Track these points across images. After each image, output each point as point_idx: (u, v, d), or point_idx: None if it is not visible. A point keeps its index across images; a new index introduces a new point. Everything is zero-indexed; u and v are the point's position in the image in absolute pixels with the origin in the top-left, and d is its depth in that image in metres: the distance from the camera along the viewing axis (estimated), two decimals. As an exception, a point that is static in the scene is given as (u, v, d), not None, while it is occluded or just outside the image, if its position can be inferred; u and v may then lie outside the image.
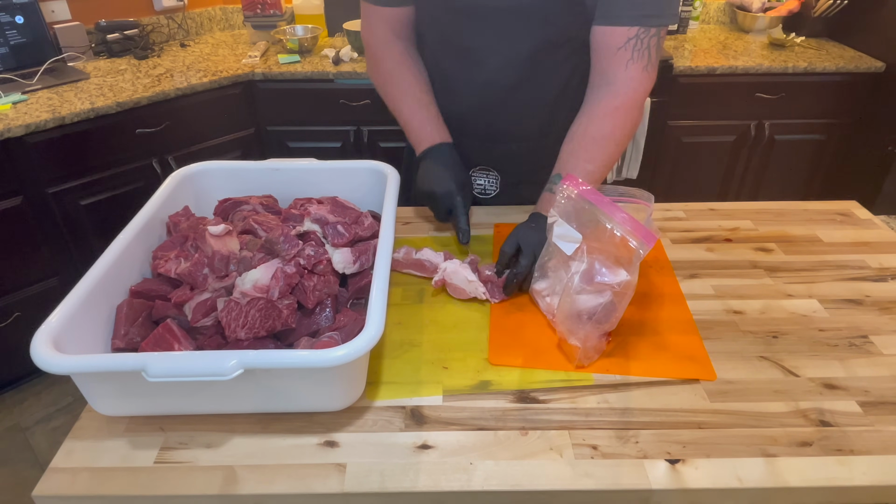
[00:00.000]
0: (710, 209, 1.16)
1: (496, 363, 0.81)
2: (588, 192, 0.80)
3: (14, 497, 1.76)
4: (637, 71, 0.93)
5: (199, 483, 0.66)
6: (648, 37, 0.91)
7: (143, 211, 0.88)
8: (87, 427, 0.73)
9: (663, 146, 2.39)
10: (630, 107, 0.95)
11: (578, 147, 0.96)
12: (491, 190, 1.17)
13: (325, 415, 0.74)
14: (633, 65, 0.92)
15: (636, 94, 0.95)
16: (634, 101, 0.96)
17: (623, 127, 0.95)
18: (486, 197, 1.19)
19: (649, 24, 0.90)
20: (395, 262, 0.96)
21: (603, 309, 0.76)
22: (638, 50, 0.91)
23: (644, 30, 0.90)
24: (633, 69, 0.93)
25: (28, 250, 1.87)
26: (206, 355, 0.64)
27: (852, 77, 2.28)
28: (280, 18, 2.43)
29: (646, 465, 0.67)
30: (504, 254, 0.92)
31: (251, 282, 0.79)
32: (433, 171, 1.01)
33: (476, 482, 0.66)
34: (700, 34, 2.60)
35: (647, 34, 0.91)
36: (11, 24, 2.02)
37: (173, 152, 2.06)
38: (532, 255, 0.89)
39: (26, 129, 1.72)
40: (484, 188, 1.18)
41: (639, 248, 0.73)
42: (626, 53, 0.92)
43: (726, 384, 0.77)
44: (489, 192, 1.18)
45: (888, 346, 0.83)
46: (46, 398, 2.07)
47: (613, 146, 0.95)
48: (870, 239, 1.07)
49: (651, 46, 0.92)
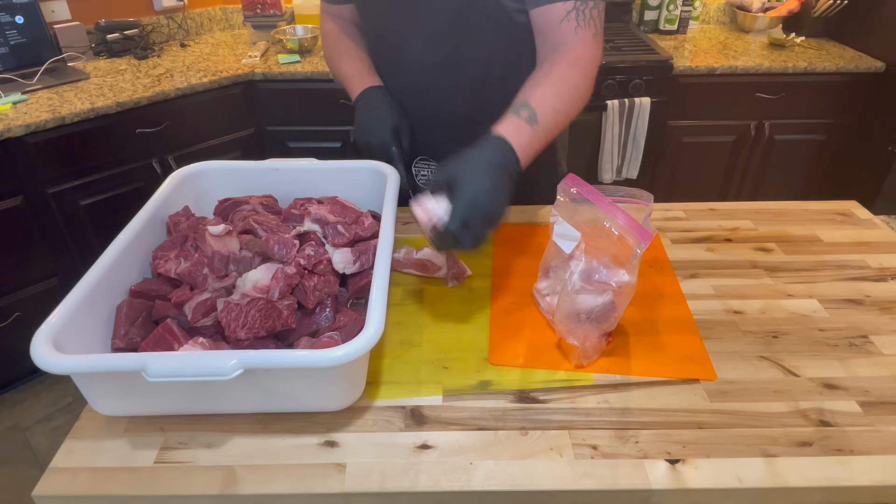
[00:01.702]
0: (710, 209, 1.16)
1: (496, 363, 0.81)
2: (588, 192, 0.80)
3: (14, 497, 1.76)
4: (588, 36, 0.90)
5: (199, 483, 0.66)
6: (587, 8, 0.90)
7: (143, 211, 0.88)
8: (87, 427, 0.73)
9: (663, 146, 2.39)
10: (589, 65, 0.90)
11: (544, 82, 0.87)
12: None
13: (325, 415, 0.74)
14: (582, 31, 0.90)
15: (589, 54, 0.90)
16: (592, 61, 0.91)
17: (585, 78, 0.90)
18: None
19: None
20: (395, 262, 0.96)
21: (602, 309, 0.76)
22: (581, 20, 0.90)
23: (581, 2, 0.89)
24: (583, 34, 0.90)
25: (28, 250, 1.87)
26: (206, 355, 0.64)
27: (852, 77, 2.28)
28: (280, 18, 2.43)
29: (646, 465, 0.67)
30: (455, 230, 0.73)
31: (251, 282, 0.79)
32: (365, 119, 1.04)
33: (476, 482, 0.66)
34: (700, 34, 2.60)
35: (585, 6, 0.89)
36: (11, 24, 2.02)
37: (173, 152, 2.06)
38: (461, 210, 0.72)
39: (26, 129, 1.72)
40: (427, 178, 1.20)
41: (636, 246, 0.73)
42: (570, 23, 0.90)
43: (726, 384, 0.77)
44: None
45: (888, 346, 0.83)
46: (46, 398, 2.07)
47: (576, 94, 0.88)
48: (870, 239, 1.07)
49: (594, 17, 0.90)
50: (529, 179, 1.00)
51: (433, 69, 1.04)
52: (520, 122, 0.82)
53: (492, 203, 0.74)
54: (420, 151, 1.17)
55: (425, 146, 1.16)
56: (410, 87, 1.09)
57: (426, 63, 1.04)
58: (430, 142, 1.15)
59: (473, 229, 0.74)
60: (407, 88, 1.09)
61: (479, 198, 0.74)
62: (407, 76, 1.08)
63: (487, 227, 0.75)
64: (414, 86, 1.08)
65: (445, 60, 1.02)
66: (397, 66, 1.08)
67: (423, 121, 1.12)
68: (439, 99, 1.08)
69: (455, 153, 1.05)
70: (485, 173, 0.75)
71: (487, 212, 0.74)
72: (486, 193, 0.74)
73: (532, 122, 0.82)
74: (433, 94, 1.08)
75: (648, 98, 2.22)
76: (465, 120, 1.09)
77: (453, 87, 1.06)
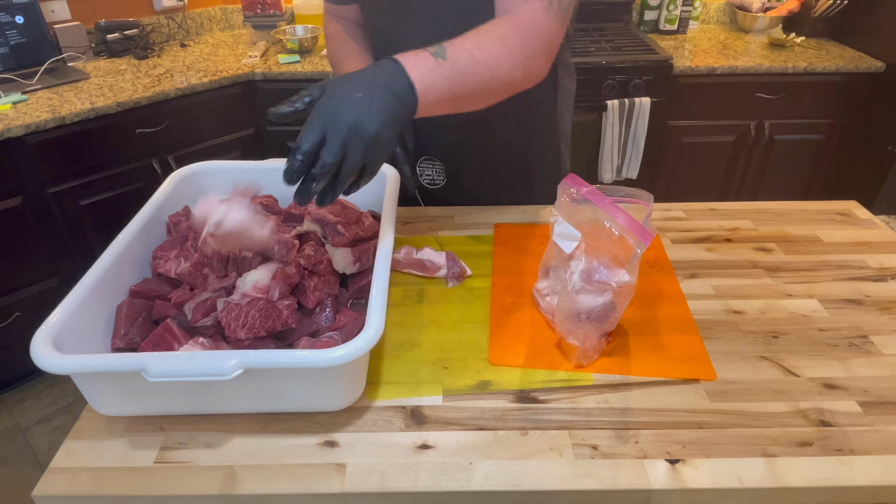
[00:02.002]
0: (710, 209, 1.16)
1: (496, 363, 0.81)
2: (589, 192, 0.80)
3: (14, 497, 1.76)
4: (539, 7, 0.82)
5: (199, 483, 0.66)
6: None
7: (143, 211, 0.88)
8: (87, 427, 0.73)
9: (663, 146, 2.39)
10: (531, 28, 0.81)
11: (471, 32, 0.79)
12: (439, 180, 1.19)
13: (325, 415, 0.74)
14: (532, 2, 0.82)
15: (535, 25, 0.82)
16: (536, 28, 0.82)
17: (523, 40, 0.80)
18: (435, 187, 1.21)
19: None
20: (395, 261, 0.96)
21: (602, 309, 0.76)
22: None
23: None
24: (533, 4, 0.82)
25: (28, 250, 1.87)
26: (206, 355, 0.64)
27: (852, 77, 2.28)
28: (280, 18, 2.43)
29: (646, 465, 0.67)
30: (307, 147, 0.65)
31: (251, 282, 0.79)
32: None
33: (476, 482, 0.66)
34: (700, 34, 2.60)
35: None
36: (11, 24, 2.02)
37: (173, 152, 2.06)
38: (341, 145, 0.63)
39: (26, 129, 1.72)
40: (432, 178, 1.20)
41: (636, 246, 0.73)
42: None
43: (726, 384, 0.77)
44: (437, 182, 1.20)
45: (888, 346, 0.83)
46: (46, 398, 2.07)
47: (506, 52, 0.78)
48: (870, 239, 1.07)
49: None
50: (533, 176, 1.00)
51: None
52: (421, 53, 0.72)
53: (363, 119, 0.64)
54: (424, 151, 1.17)
55: (430, 146, 1.16)
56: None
57: None
58: (435, 142, 1.15)
59: (333, 145, 0.63)
60: None
61: (345, 107, 0.63)
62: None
63: (357, 147, 0.64)
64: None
65: None
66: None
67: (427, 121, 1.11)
68: None
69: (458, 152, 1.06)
70: (357, 86, 0.65)
71: (355, 127, 0.63)
72: (356, 103, 0.64)
73: (438, 56, 0.72)
74: None
75: (648, 98, 2.22)
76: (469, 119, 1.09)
77: None
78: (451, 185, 1.19)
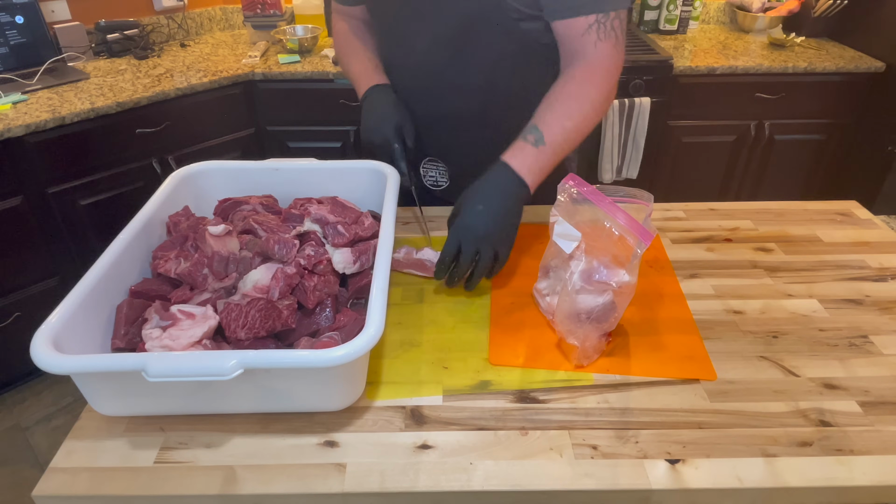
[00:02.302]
0: (710, 209, 1.17)
1: (496, 363, 0.81)
2: (589, 192, 0.80)
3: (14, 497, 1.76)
4: (608, 47, 0.93)
5: (199, 483, 0.66)
6: (609, 20, 0.91)
7: (143, 211, 0.88)
8: (87, 427, 0.73)
9: (663, 146, 2.39)
10: (605, 76, 0.94)
11: (556, 101, 0.93)
12: (442, 182, 1.20)
13: (325, 415, 0.74)
14: (602, 43, 0.92)
15: (610, 65, 0.94)
16: (609, 72, 0.94)
17: (600, 92, 0.93)
18: (438, 189, 1.21)
19: (606, 10, 0.91)
20: (395, 262, 0.96)
21: (602, 309, 0.76)
22: (602, 32, 0.92)
23: (604, 15, 0.91)
24: (603, 46, 0.92)
25: (28, 250, 1.87)
26: (206, 355, 0.64)
27: (852, 77, 2.28)
28: (280, 18, 2.43)
29: (646, 465, 0.67)
30: (444, 263, 0.86)
31: (251, 282, 0.79)
32: (369, 118, 1.04)
33: (476, 482, 0.66)
34: (700, 34, 2.60)
35: (606, 18, 0.91)
36: (11, 24, 2.02)
37: (173, 152, 2.06)
38: (475, 253, 0.83)
39: (26, 129, 1.72)
40: (435, 180, 1.20)
41: (636, 246, 0.73)
42: (591, 36, 0.92)
43: (726, 384, 0.77)
44: (440, 183, 1.20)
45: (888, 346, 0.83)
46: (46, 398, 2.07)
47: (589, 106, 0.93)
48: (870, 239, 1.07)
49: (615, 28, 0.92)
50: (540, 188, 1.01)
51: (441, 72, 1.04)
52: (525, 146, 0.89)
53: (487, 226, 0.83)
54: (428, 152, 1.17)
55: (434, 147, 1.16)
56: (419, 88, 1.09)
57: (434, 65, 1.04)
58: (439, 143, 1.15)
59: (467, 252, 0.83)
60: (415, 90, 1.09)
61: (471, 221, 0.82)
62: (415, 78, 1.08)
63: (487, 249, 0.83)
64: (422, 87, 1.08)
65: (452, 64, 1.03)
66: (406, 67, 1.08)
67: (432, 122, 1.12)
68: (447, 101, 1.08)
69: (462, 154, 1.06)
70: (479, 199, 0.84)
71: (482, 235, 0.83)
72: (479, 215, 0.83)
73: (538, 143, 0.88)
74: (441, 96, 1.08)
75: (648, 98, 2.22)
76: (474, 122, 1.09)
77: (460, 90, 1.06)
78: (455, 187, 1.18)
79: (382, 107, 1.05)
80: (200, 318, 0.74)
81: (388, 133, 1.01)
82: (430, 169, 1.19)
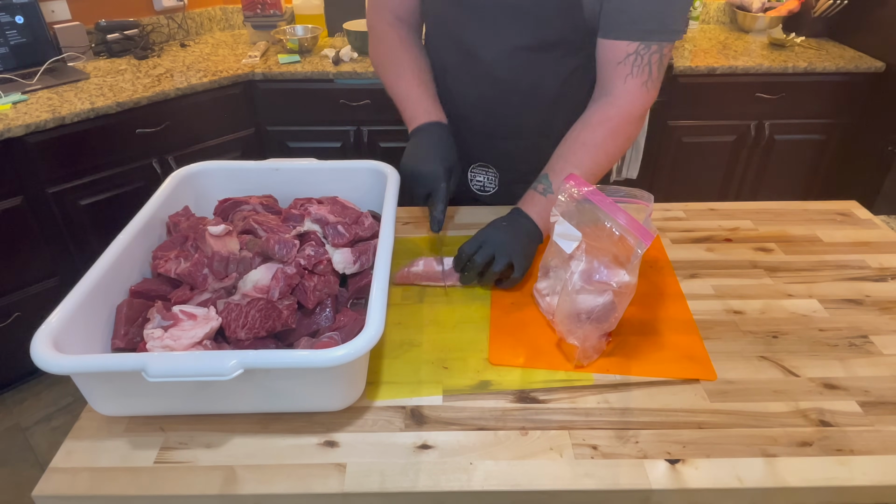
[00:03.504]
0: (710, 209, 1.16)
1: (496, 363, 0.81)
2: (589, 192, 0.80)
3: (14, 497, 1.76)
4: (635, 86, 0.92)
5: (199, 483, 0.66)
6: (649, 53, 0.90)
7: (143, 211, 0.88)
8: (87, 427, 0.73)
9: (663, 146, 2.39)
10: (625, 119, 0.94)
11: (568, 151, 0.96)
12: (490, 187, 1.18)
13: (325, 415, 0.74)
14: (632, 80, 0.92)
15: (632, 107, 0.94)
16: (630, 115, 0.95)
17: (615, 137, 0.95)
18: (485, 194, 1.19)
19: (650, 40, 0.89)
20: (413, 275, 0.95)
21: (602, 309, 0.76)
22: (637, 66, 0.90)
23: (644, 45, 0.89)
24: (632, 83, 0.92)
25: (28, 250, 1.87)
26: (206, 355, 0.64)
27: (852, 77, 2.28)
28: (280, 18, 2.43)
29: (646, 465, 0.67)
30: (463, 253, 0.92)
31: (252, 282, 0.79)
32: (422, 149, 0.98)
33: (476, 482, 0.66)
34: (700, 34, 2.60)
35: (647, 50, 0.89)
36: (11, 24, 2.02)
37: (173, 152, 2.06)
38: (491, 255, 0.89)
39: (26, 129, 1.72)
40: (483, 185, 1.18)
41: (637, 246, 0.73)
42: (625, 69, 0.91)
43: (726, 384, 0.77)
44: (488, 189, 1.18)
45: (888, 346, 0.83)
46: (46, 398, 2.07)
47: (603, 155, 0.95)
48: (870, 239, 1.07)
49: (652, 63, 0.90)
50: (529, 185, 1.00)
51: (509, 84, 1.02)
52: (534, 195, 0.95)
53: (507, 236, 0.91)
54: (480, 158, 1.15)
55: (488, 154, 1.14)
56: (481, 98, 1.06)
57: (502, 77, 1.02)
58: (495, 150, 1.13)
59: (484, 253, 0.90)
60: (477, 99, 1.07)
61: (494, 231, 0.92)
62: (479, 88, 1.05)
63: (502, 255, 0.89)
64: (486, 96, 1.05)
65: (523, 77, 1.01)
66: (469, 76, 1.05)
67: (489, 130, 1.10)
68: (511, 113, 1.06)
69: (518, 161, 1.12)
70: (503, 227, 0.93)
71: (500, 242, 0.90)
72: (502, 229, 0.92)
73: (546, 192, 0.94)
74: (504, 107, 1.06)
75: (648, 98, 2.22)
76: (535, 133, 1.08)
77: (527, 103, 1.04)
78: (502, 193, 1.17)
79: (439, 146, 0.99)
80: (202, 319, 0.74)
81: (440, 171, 0.95)
82: (478, 173, 1.17)
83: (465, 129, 1.10)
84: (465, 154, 1.08)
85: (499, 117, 1.08)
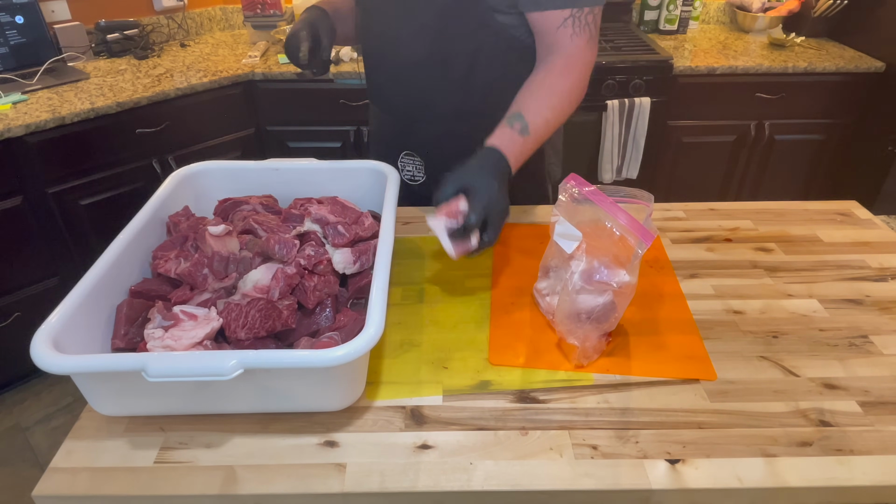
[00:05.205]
0: (710, 209, 1.17)
1: (496, 363, 0.81)
2: (590, 192, 0.80)
3: (14, 497, 1.76)
4: (583, 42, 0.95)
5: (199, 483, 0.66)
6: (583, 15, 0.94)
7: (143, 211, 0.88)
8: (87, 427, 0.73)
9: (663, 146, 2.38)
10: (582, 69, 0.97)
11: (538, 92, 0.95)
12: (419, 176, 1.20)
13: (325, 415, 0.74)
14: (577, 38, 0.95)
15: (585, 61, 0.97)
16: (586, 66, 0.97)
17: (576, 86, 0.96)
18: (415, 184, 1.22)
19: (580, 5, 0.93)
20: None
21: (602, 309, 0.76)
22: (578, 27, 0.94)
23: (577, 10, 0.93)
24: (578, 41, 0.95)
25: (28, 250, 1.87)
26: (206, 355, 0.64)
27: (852, 77, 2.28)
28: (280, 18, 2.43)
29: (646, 465, 0.67)
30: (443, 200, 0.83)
31: (252, 282, 0.79)
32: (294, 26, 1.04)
33: (476, 482, 0.66)
34: (700, 34, 2.60)
35: (581, 13, 0.94)
36: (11, 24, 2.02)
37: (173, 152, 2.06)
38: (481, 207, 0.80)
39: (26, 129, 1.72)
40: (413, 174, 1.21)
41: (637, 246, 0.73)
42: (567, 30, 0.95)
43: (726, 384, 0.77)
44: (417, 178, 1.21)
45: (888, 346, 0.83)
46: (46, 398, 2.07)
47: (567, 102, 0.96)
48: (870, 239, 1.07)
49: (590, 23, 0.95)
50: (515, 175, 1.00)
51: (420, 63, 1.06)
52: (513, 134, 0.90)
53: (500, 203, 0.83)
54: (406, 146, 1.18)
55: (411, 141, 1.17)
56: (399, 80, 1.11)
57: (414, 57, 1.06)
58: (417, 137, 1.16)
59: (493, 226, 0.82)
60: (395, 81, 1.11)
61: (492, 197, 0.82)
62: (396, 69, 1.10)
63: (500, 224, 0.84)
64: (402, 79, 1.10)
65: (432, 55, 1.04)
66: (387, 58, 1.10)
67: (410, 115, 1.13)
68: (426, 93, 1.09)
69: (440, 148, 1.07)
70: (492, 178, 0.84)
71: (499, 210, 0.83)
72: (497, 193, 0.83)
73: (524, 133, 0.90)
74: (420, 89, 1.09)
75: (648, 98, 2.22)
76: (451, 115, 1.11)
77: (439, 83, 1.07)
78: (431, 182, 1.18)
79: (308, 10, 1.06)
80: (203, 320, 0.74)
81: (300, 25, 1.02)
82: (407, 163, 1.20)
83: (389, 112, 1.16)
84: (391, 140, 1.13)
85: (415, 100, 1.11)
